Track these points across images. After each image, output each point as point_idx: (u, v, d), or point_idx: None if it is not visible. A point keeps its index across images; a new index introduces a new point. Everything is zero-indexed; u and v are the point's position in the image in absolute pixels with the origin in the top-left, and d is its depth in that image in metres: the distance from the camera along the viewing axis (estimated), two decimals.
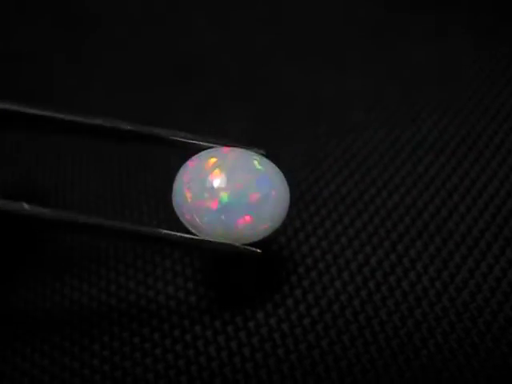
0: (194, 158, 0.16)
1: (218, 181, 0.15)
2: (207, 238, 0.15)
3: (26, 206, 0.15)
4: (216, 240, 0.15)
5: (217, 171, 0.15)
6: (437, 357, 0.15)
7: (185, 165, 0.16)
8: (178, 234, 0.15)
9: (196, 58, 0.26)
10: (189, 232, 0.16)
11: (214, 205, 0.15)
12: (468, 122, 0.21)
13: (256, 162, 0.15)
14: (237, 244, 0.15)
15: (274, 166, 0.16)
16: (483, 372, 0.15)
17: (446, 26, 0.26)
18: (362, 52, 0.25)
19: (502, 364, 0.15)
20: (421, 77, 0.23)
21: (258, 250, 0.16)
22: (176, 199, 0.15)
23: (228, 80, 0.25)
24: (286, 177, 0.15)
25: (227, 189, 0.15)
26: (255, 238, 0.16)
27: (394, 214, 0.18)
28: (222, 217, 0.15)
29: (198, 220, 0.15)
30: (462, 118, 0.21)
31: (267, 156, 0.16)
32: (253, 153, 0.16)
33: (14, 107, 0.17)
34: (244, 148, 0.16)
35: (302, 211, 0.19)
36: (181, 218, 0.16)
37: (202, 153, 0.16)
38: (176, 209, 0.16)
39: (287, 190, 0.16)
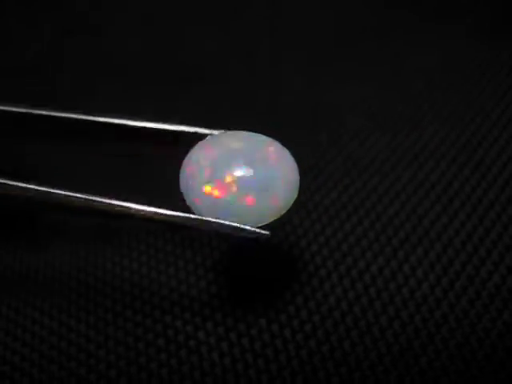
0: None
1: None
2: (211, 219, 0.14)
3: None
4: (221, 221, 0.14)
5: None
6: (436, 363, 0.15)
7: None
8: (182, 214, 0.14)
9: (195, 68, 0.27)
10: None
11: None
12: (468, 128, 0.21)
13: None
14: (243, 226, 0.14)
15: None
16: (482, 378, 0.15)
17: (447, 31, 0.26)
18: (362, 58, 0.25)
19: (500, 370, 0.15)
20: (422, 83, 0.24)
21: (267, 232, 0.14)
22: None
23: (228, 88, 0.25)
24: None
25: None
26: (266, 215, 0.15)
27: (395, 221, 0.19)
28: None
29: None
30: (463, 124, 0.21)
31: None
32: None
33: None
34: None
35: (304, 219, 0.19)
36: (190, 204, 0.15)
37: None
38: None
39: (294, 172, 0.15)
